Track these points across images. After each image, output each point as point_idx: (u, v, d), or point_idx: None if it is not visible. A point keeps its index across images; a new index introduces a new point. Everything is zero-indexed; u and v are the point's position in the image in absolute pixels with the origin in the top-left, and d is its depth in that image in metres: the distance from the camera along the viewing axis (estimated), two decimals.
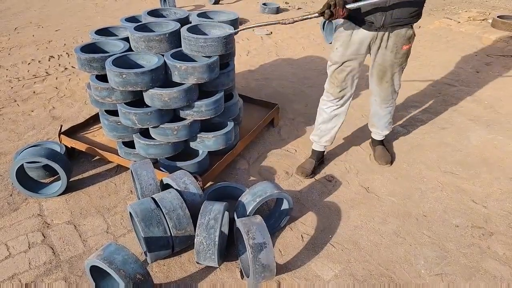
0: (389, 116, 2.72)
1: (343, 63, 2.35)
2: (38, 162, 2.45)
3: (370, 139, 2.98)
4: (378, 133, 2.85)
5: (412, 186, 2.60)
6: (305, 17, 2.09)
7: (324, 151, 2.78)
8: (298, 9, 7.22)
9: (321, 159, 2.78)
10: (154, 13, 2.80)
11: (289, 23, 2.14)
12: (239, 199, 2.13)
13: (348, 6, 1.98)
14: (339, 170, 2.75)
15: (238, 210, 2.10)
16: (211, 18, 2.74)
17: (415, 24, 2.22)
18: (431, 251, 2.11)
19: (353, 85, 2.46)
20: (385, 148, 2.88)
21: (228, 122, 2.57)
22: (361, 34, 2.23)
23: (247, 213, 2.04)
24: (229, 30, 2.43)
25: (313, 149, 2.76)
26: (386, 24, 2.13)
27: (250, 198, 2.07)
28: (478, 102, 3.68)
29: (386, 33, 2.21)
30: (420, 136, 3.16)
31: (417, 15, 2.18)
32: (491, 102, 3.67)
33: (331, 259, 2.06)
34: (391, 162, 2.81)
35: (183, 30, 2.37)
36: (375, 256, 2.08)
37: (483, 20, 6.10)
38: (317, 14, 2.03)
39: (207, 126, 2.55)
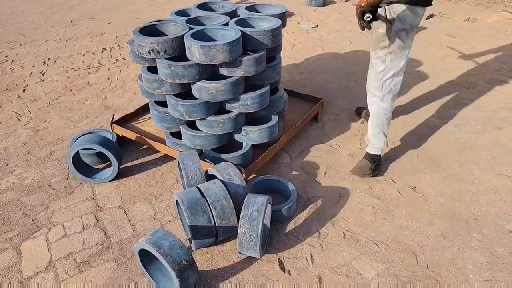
0: (374, 121, 2.50)
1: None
2: (92, 149, 2.59)
3: None
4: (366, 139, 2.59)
5: (463, 187, 2.49)
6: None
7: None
8: (345, 1, 7.05)
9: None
10: (203, 6, 2.86)
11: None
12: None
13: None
14: (384, 167, 2.68)
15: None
16: (259, 11, 2.75)
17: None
18: (481, 256, 2.01)
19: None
20: (363, 160, 2.59)
21: (273, 116, 2.58)
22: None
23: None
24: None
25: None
26: None
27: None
28: None
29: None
30: (473, 136, 3.00)
31: None
32: None
33: (374, 258, 2.03)
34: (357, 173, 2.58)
35: (231, 23, 2.40)
36: (420, 257, 2.02)
37: None
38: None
39: (251, 119, 2.58)
